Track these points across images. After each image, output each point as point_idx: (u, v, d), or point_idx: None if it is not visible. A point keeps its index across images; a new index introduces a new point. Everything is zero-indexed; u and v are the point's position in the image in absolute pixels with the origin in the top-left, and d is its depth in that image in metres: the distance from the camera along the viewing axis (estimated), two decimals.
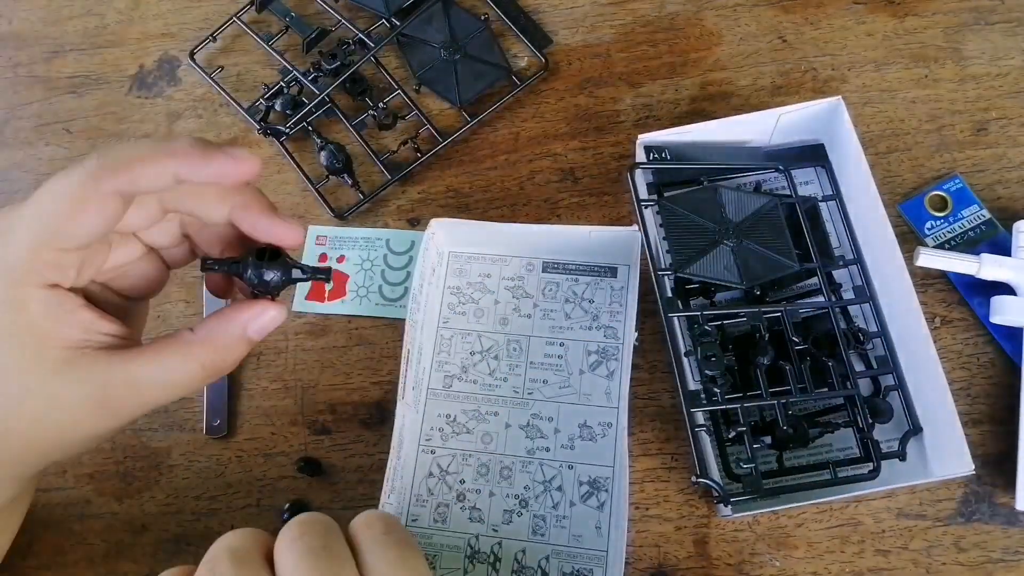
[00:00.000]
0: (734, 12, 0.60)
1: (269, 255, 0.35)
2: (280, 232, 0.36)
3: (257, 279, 0.35)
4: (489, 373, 0.51)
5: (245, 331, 0.35)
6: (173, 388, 0.34)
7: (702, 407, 0.46)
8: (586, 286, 0.53)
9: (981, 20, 0.58)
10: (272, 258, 0.35)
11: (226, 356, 0.35)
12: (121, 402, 0.33)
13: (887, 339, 0.49)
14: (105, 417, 0.34)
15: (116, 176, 0.31)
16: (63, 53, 0.65)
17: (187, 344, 0.34)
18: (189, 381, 0.34)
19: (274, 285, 0.35)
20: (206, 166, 0.32)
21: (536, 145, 0.58)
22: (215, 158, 0.32)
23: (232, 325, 0.35)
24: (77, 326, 0.33)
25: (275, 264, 0.35)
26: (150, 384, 0.33)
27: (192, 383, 0.34)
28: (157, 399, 0.34)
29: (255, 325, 0.35)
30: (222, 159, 0.32)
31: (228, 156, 0.32)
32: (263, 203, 0.36)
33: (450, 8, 0.62)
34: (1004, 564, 0.45)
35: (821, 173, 0.55)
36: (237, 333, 0.35)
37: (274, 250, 0.35)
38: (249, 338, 0.35)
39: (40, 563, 0.49)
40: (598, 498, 0.48)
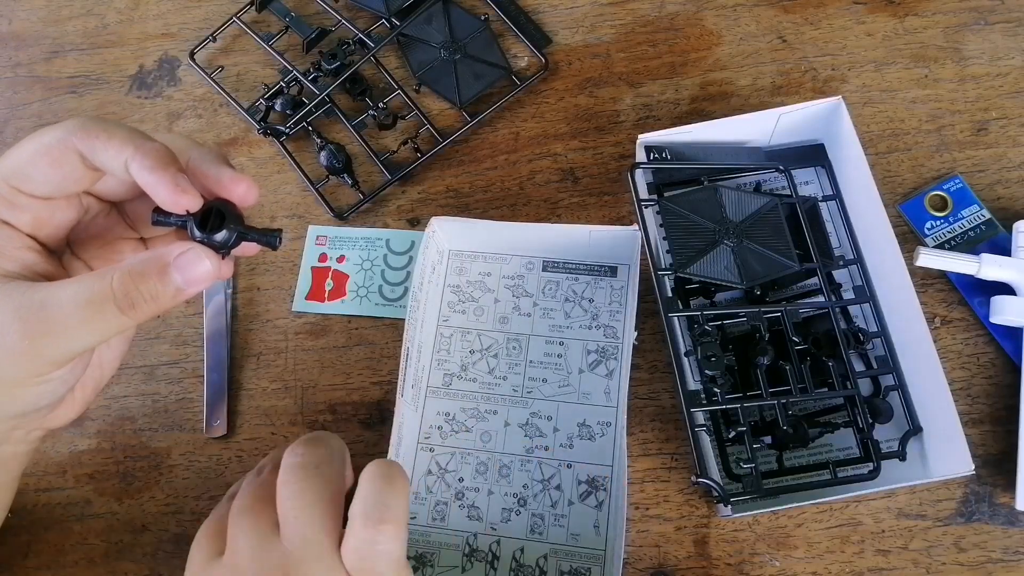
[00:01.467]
0: (734, 12, 0.60)
1: (216, 212, 0.34)
2: (229, 185, 0.34)
3: (204, 239, 0.33)
4: (488, 372, 0.51)
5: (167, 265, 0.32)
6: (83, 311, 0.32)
7: (702, 407, 0.46)
8: (586, 285, 0.53)
9: (981, 20, 0.58)
10: (220, 218, 0.33)
11: (140, 287, 0.32)
12: (29, 323, 0.32)
13: (887, 339, 0.49)
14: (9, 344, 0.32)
15: (83, 139, 0.33)
16: (63, 53, 0.65)
17: (108, 271, 0.32)
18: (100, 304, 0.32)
19: (220, 243, 0.34)
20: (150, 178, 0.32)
21: (536, 145, 0.58)
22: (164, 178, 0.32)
23: (155, 255, 0.33)
24: (16, 261, 0.34)
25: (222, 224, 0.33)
26: (60, 303, 0.32)
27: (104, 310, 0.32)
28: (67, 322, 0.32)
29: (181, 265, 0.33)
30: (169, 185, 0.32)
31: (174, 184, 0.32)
32: (213, 154, 0.35)
33: (450, 8, 0.62)
34: (1004, 564, 0.45)
35: (821, 173, 0.55)
36: (157, 264, 0.32)
37: (223, 208, 0.34)
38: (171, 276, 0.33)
39: (40, 563, 0.49)
40: (596, 497, 0.48)
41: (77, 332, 0.32)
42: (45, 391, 0.35)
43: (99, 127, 0.33)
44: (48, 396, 0.35)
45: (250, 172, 0.59)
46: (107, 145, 0.33)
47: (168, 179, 0.32)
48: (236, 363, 0.53)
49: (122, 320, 0.32)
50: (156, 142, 0.33)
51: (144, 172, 0.32)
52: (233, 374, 0.53)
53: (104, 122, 0.34)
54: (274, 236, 0.35)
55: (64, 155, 0.33)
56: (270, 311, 0.55)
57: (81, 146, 0.33)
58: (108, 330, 0.33)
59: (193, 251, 0.33)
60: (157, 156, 0.33)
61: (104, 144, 0.33)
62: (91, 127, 0.33)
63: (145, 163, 0.32)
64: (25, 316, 0.32)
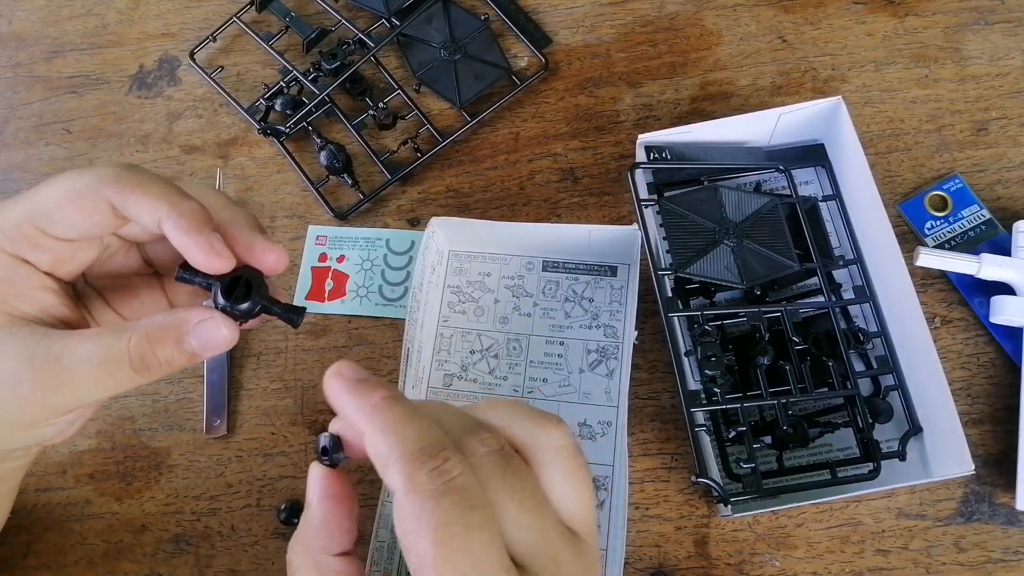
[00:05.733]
0: (734, 12, 0.60)
1: (244, 282, 0.33)
2: (260, 255, 0.34)
3: (226, 307, 0.33)
4: (489, 372, 0.51)
5: (184, 332, 0.32)
6: (98, 370, 0.32)
7: (702, 407, 0.46)
8: (586, 285, 0.53)
9: (981, 20, 0.58)
10: (247, 288, 0.33)
11: (156, 351, 0.32)
12: (41, 375, 0.31)
13: (887, 339, 0.49)
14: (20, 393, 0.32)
15: (115, 191, 0.32)
16: (63, 53, 0.65)
17: (125, 328, 0.32)
18: (115, 364, 0.32)
19: (242, 313, 0.33)
20: (184, 239, 0.32)
21: (536, 145, 0.58)
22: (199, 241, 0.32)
23: (173, 319, 0.32)
24: (33, 303, 0.33)
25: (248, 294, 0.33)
26: (75, 359, 0.31)
27: (117, 370, 0.32)
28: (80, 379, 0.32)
29: (200, 334, 0.32)
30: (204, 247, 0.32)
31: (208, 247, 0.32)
32: (247, 218, 0.34)
33: (450, 8, 0.62)
34: (1004, 564, 0.45)
35: (821, 173, 0.55)
36: (174, 331, 0.32)
37: (251, 276, 0.33)
38: (188, 344, 0.32)
39: (40, 563, 0.49)
40: (597, 497, 0.48)
41: (89, 388, 0.32)
42: (49, 431, 0.35)
43: (134, 180, 0.32)
44: (51, 434, 0.35)
45: (250, 172, 0.59)
46: (141, 200, 0.32)
47: (203, 241, 0.32)
48: (236, 363, 0.53)
49: (135, 380, 0.32)
50: (191, 200, 0.33)
51: (178, 233, 0.32)
52: (233, 374, 0.53)
53: (138, 174, 0.33)
54: (297, 314, 0.35)
55: (94, 204, 0.32)
56: None
57: (113, 198, 0.32)
58: (119, 388, 0.33)
59: (213, 321, 0.32)
60: (192, 216, 0.32)
61: (138, 199, 0.32)
62: (125, 179, 0.32)
63: (180, 223, 0.32)
64: (39, 367, 0.32)
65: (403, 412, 0.29)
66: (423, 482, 0.27)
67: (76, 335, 0.32)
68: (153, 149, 0.61)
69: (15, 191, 0.60)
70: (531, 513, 0.29)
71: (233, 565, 0.48)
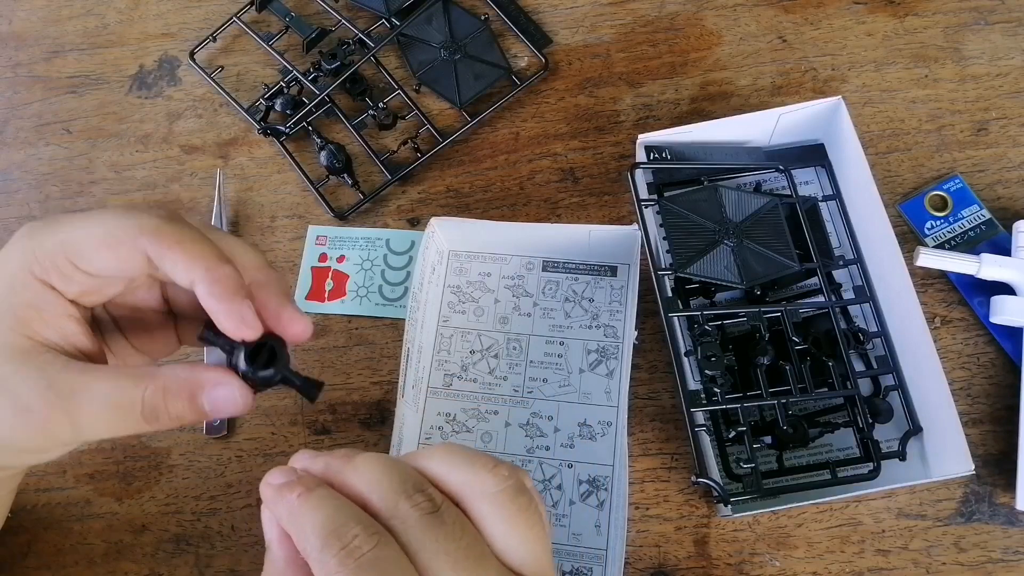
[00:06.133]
0: (734, 12, 0.60)
1: (267, 352, 0.33)
2: (287, 325, 0.34)
3: (246, 373, 0.33)
4: (489, 372, 0.51)
5: (200, 392, 0.33)
6: (110, 412, 0.32)
7: (702, 407, 0.46)
8: (586, 285, 0.53)
9: (981, 20, 0.58)
10: (270, 356, 0.33)
11: (168, 405, 0.32)
12: (55, 409, 0.32)
13: (887, 339, 0.49)
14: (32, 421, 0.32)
15: (154, 246, 0.32)
16: (63, 53, 0.65)
17: (143, 375, 0.32)
18: (127, 410, 0.32)
19: (260, 381, 0.33)
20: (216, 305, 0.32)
21: (536, 145, 0.58)
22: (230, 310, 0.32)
23: (191, 377, 0.33)
24: (55, 330, 0.33)
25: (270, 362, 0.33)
26: (90, 398, 0.32)
27: (128, 416, 0.32)
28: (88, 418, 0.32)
29: (214, 397, 0.33)
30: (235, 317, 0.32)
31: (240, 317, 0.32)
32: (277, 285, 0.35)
33: (450, 8, 0.62)
34: (1004, 564, 0.45)
35: (821, 173, 0.55)
36: (189, 389, 0.33)
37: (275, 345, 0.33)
38: (200, 403, 0.33)
39: (40, 563, 0.49)
40: (598, 497, 0.48)
41: (98, 428, 0.33)
42: (48, 456, 0.35)
43: (174, 237, 0.32)
44: (49, 459, 0.36)
45: (250, 172, 0.59)
46: (178, 259, 0.32)
47: (234, 311, 0.32)
48: None
49: (142, 427, 0.33)
50: (227, 265, 0.33)
51: (211, 299, 0.32)
52: None
53: (179, 229, 0.33)
54: (316, 388, 0.35)
55: (131, 253, 0.32)
56: None
57: (151, 251, 0.32)
58: (126, 432, 0.33)
59: (230, 388, 0.33)
60: (226, 283, 0.32)
61: (176, 257, 0.32)
62: (166, 235, 0.32)
63: (213, 290, 0.32)
64: (54, 398, 0.32)
65: (314, 501, 0.29)
66: (335, 566, 0.27)
67: (94, 371, 0.33)
68: (153, 149, 0.61)
69: (15, 191, 0.61)
70: (469, 572, 0.28)
71: (233, 565, 0.48)
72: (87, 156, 0.61)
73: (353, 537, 0.28)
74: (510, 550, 0.30)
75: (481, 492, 0.30)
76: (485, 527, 0.30)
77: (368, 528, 0.28)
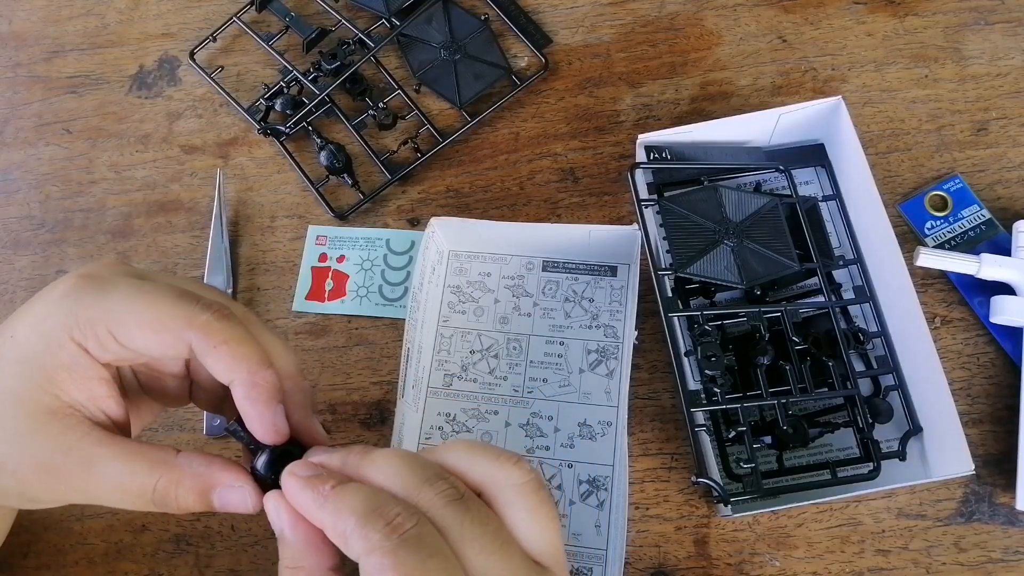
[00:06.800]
0: (734, 12, 0.60)
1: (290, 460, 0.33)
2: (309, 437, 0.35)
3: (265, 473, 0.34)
4: (489, 372, 0.51)
5: (211, 490, 0.33)
6: (121, 491, 0.33)
7: (702, 407, 0.46)
8: (586, 285, 0.53)
9: (981, 20, 0.58)
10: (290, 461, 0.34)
11: (179, 497, 0.33)
12: (69, 475, 0.32)
13: (887, 339, 0.49)
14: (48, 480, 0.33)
15: (200, 340, 0.32)
16: (63, 53, 0.65)
17: (159, 463, 0.33)
18: (138, 494, 0.33)
19: (273, 484, 0.34)
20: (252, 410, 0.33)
21: (536, 145, 0.58)
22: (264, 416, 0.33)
23: (207, 474, 0.33)
24: (85, 392, 0.33)
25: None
26: (106, 473, 0.32)
27: (139, 497, 0.33)
28: (101, 491, 0.33)
29: (225, 497, 0.33)
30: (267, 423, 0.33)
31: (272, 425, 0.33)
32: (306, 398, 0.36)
33: (450, 8, 0.62)
34: (1004, 564, 0.45)
35: (821, 173, 0.55)
36: (203, 485, 0.33)
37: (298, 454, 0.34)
38: (211, 500, 0.33)
39: (40, 563, 0.49)
40: (598, 497, 0.48)
41: (105, 499, 0.33)
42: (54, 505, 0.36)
43: (221, 336, 0.32)
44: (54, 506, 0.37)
45: (250, 172, 0.59)
46: (222, 358, 0.33)
47: (268, 417, 0.33)
48: None
49: (147, 508, 0.33)
50: (269, 371, 0.33)
51: (247, 402, 0.33)
52: None
53: (227, 328, 0.33)
54: None
55: (175, 341, 0.33)
56: (270, 311, 0.55)
57: (195, 345, 0.33)
58: (132, 508, 0.34)
59: (242, 492, 0.33)
60: (263, 391, 0.33)
61: (221, 356, 0.33)
62: (216, 333, 0.32)
63: (251, 394, 0.33)
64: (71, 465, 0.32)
65: (351, 490, 0.30)
66: (378, 540, 0.28)
67: (114, 446, 0.33)
68: (153, 149, 0.61)
69: (15, 191, 0.60)
70: (495, 556, 0.29)
71: (233, 565, 0.48)
72: (87, 156, 0.61)
73: (396, 515, 0.29)
74: (532, 539, 0.31)
75: (506, 483, 0.31)
76: (508, 516, 0.31)
77: (409, 508, 0.29)
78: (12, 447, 0.33)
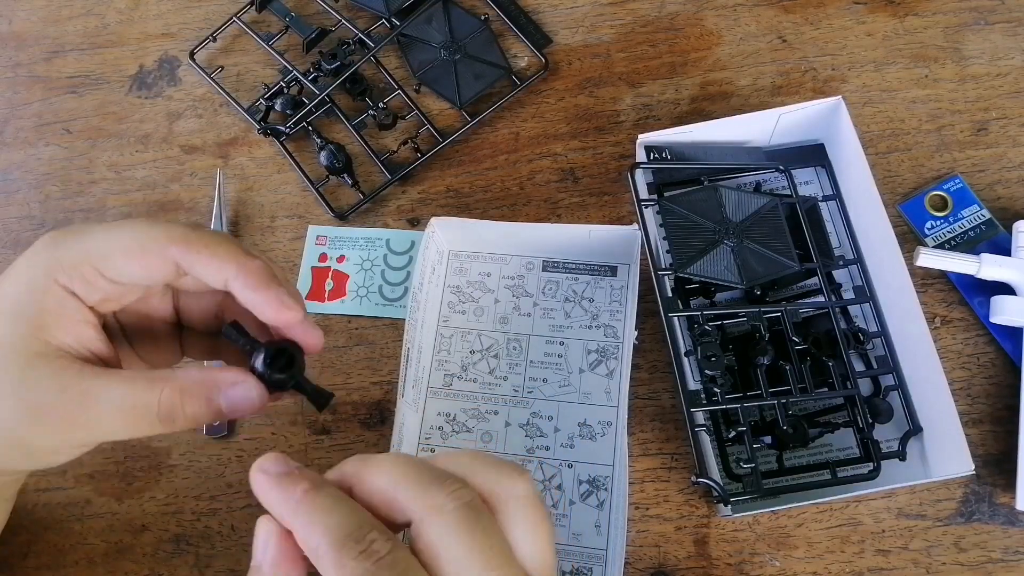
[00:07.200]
0: (734, 12, 0.60)
1: (287, 357, 0.34)
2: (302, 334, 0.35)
3: (264, 373, 0.34)
4: (489, 372, 0.51)
5: (216, 392, 0.33)
6: (123, 414, 0.32)
7: (702, 407, 0.46)
8: (586, 285, 0.53)
9: (981, 20, 0.58)
10: (289, 361, 0.34)
11: (185, 406, 0.33)
12: (68, 413, 0.32)
13: (887, 339, 0.49)
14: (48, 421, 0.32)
15: (183, 253, 0.33)
16: (63, 53, 0.65)
17: (158, 378, 0.33)
18: (143, 412, 0.32)
19: (275, 383, 0.34)
20: (254, 296, 0.33)
21: (536, 145, 0.58)
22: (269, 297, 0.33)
23: (208, 378, 0.33)
24: (73, 335, 0.33)
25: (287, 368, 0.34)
26: (106, 400, 0.32)
27: (144, 418, 0.32)
28: (104, 421, 0.32)
29: (231, 396, 0.33)
30: (275, 303, 0.33)
31: (279, 302, 0.33)
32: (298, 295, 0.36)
33: (450, 8, 0.62)
34: (1004, 564, 0.45)
35: (821, 173, 0.55)
36: (206, 389, 0.33)
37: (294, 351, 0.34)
38: (218, 404, 0.33)
39: (40, 563, 0.49)
40: (598, 497, 0.48)
41: (113, 429, 0.33)
42: (62, 458, 0.36)
43: (201, 243, 0.33)
44: (63, 460, 0.36)
45: (250, 172, 0.59)
46: (209, 261, 0.33)
47: (273, 297, 0.33)
48: None
49: (157, 429, 0.33)
50: (257, 259, 0.34)
51: (248, 291, 0.33)
52: None
53: (206, 236, 0.34)
54: (325, 399, 0.36)
55: (160, 260, 0.33)
56: None
57: (180, 259, 0.33)
58: (141, 434, 0.33)
59: (246, 385, 0.33)
60: (260, 274, 0.33)
61: (206, 260, 0.33)
62: (193, 242, 0.33)
63: (249, 282, 0.33)
64: (70, 400, 0.32)
65: (326, 501, 0.29)
66: (352, 568, 0.27)
67: (109, 375, 0.33)
68: (153, 149, 0.61)
69: (15, 191, 0.60)
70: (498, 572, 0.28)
71: (233, 565, 0.48)
72: (87, 156, 0.61)
73: (371, 542, 0.27)
74: (531, 556, 0.30)
75: (512, 494, 0.30)
76: (509, 528, 0.30)
77: (384, 533, 0.28)
78: (6, 397, 0.32)
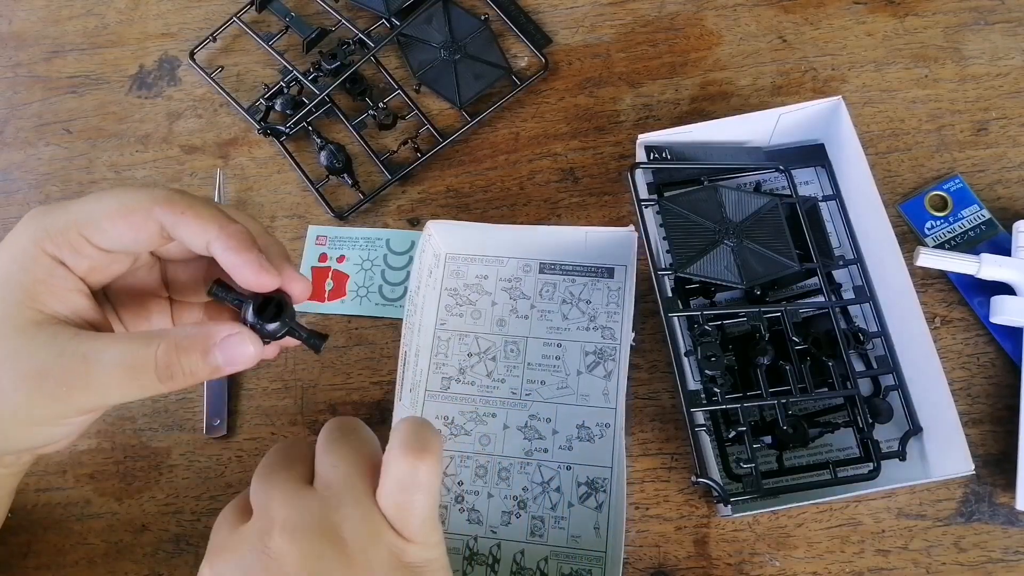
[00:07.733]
0: (734, 12, 0.60)
1: (275, 304, 0.35)
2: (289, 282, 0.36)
3: (255, 324, 0.34)
4: (487, 374, 0.51)
5: (211, 345, 0.33)
6: (124, 373, 0.33)
7: (702, 407, 0.46)
8: (583, 287, 0.53)
9: (981, 20, 0.58)
10: (278, 308, 0.35)
11: (182, 361, 0.33)
12: (67, 377, 0.32)
13: (887, 339, 0.49)
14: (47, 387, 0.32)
15: (166, 213, 0.34)
16: (63, 53, 0.65)
17: (153, 336, 0.33)
18: (141, 370, 0.33)
19: (269, 333, 0.35)
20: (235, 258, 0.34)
21: (536, 145, 0.58)
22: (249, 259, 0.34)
23: (202, 332, 0.34)
24: (65, 303, 0.34)
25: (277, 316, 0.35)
26: (104, 361, 0.32)
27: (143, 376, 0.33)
28: (103, 381, 0.33)
29: (226, 348, 0.34)
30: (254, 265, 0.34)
31: (259, 265, 0.34)
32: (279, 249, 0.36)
33: (450, 8, 0.62)
34: (1004, 564, 0.45)
35: (821, 173, 0.55)
36: (202, 343, 0.33)
37: (280, 300, 0.35)
38: (214, 356, 0.33)
39: (40, 563, 0.50)
40: (596, 499, 0.48)
41: (112, 391, 0.33)
42: (62, 432, 0.36)
43: (184, 203, 0.34)
44: (62, 435, 0.36)
45: (250, 172, 0.59)
46: (192, 223, 0.34)
47: (252, 260, 0.34)
48: None
49: (157, 388, 0.33)
50: (237, 223, 0.35)
51: (228, 253, 0.34)
52: (233, 374, 0.53)
53: (189, 198, 0.34)
54: (320, 340, 0.37)
55: (145, 223, 0.34)
56: None
57: (164, 219, 0.34)
58: (141, 394, 0.33)
59: (240, 335, 0.34)
60: (240, 238, 0.34)
61: (189, 221, 0.34)
62: (177, 202, 0.34)
63: (229, 244, 0.34)
64: (66, 364, 0.32)
65: None
66: None
67: (104, 337, 0.33)
68: (153, 149, 0.61)
69: (15, 191, 0.61)
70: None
71: None
72: (87, 156, 0.61)
73: None
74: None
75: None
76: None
77: None
78: (4, 367, 0.33)
